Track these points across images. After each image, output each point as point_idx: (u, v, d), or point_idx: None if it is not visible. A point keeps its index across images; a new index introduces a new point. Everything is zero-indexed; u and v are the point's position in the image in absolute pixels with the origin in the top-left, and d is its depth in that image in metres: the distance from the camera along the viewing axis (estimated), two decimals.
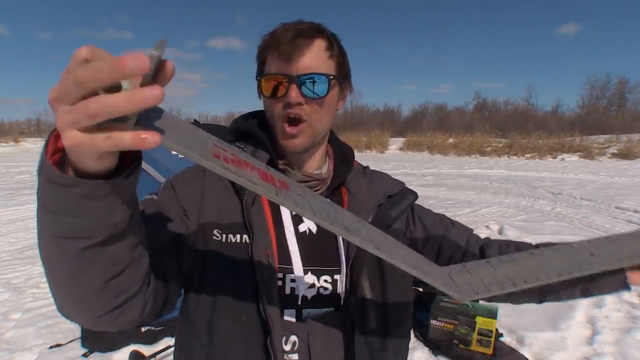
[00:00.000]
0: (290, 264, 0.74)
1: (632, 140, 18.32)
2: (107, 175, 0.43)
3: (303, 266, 0.74)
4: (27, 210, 6.74)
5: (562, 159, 17.42)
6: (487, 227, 5.56)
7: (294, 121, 0.73)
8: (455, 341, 2.59)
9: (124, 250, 0.51)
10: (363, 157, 20.46)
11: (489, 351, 2.52)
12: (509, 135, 22.05)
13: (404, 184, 0.89)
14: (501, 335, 2.74)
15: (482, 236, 0.90)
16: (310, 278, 0.75)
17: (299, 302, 0.74)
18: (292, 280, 0.74)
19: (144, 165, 2.65)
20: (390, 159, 18.59)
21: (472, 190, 8.97)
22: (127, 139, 0.36)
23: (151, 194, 0.75)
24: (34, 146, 25.22)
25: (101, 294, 0.52)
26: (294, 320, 0.72)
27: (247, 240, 0.72)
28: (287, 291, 0.74)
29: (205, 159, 0.42)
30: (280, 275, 0.73)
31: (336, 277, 0.76)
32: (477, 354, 2.53)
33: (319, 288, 0.75)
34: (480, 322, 2.53)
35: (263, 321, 0.69)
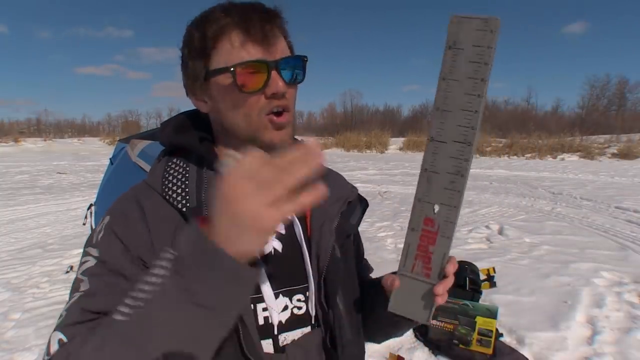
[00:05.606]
0: (260, 292, 0.67)
1: (632, 140, 18.36)
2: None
3: (273, 290, 0.68)
4: (27, 210, 6.75)
5: (562, 159, 17.42)
6: (487, 227, 5.43)
7: (279, 114, 0.65)
8: (455, 341, 2.59)
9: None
10: (363, 157, 20.45)
11: (489, 351, 2.52)
12: (509, 135, 22.06)
13: (357, 188, 0.85)
14: (501, 335, 2.74)
15: (482, 236, 0.89)
16: (281, 301, 0.70)
17: (275, 331, 0.69)
18: (264, 309, 0.68)
19: (142, 163, 2.60)
20: (390, 159, 18.58)
21: (472, 190, 8.96)
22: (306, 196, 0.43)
23: (89, 254, 0.64)
24: (34, 146, 25.23)
25: None
26: (272, 351, 0.67)
27: None
28: (261, 322, 0.68)
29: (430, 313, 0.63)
30: (251, 307, 0.67)
31: (308, 293, 0.72)
32: (477, 354, 2.53)
33: (292, 309, 0.71)
34: (480, 322, 2.53)
35: (247, 358, 0.63)
